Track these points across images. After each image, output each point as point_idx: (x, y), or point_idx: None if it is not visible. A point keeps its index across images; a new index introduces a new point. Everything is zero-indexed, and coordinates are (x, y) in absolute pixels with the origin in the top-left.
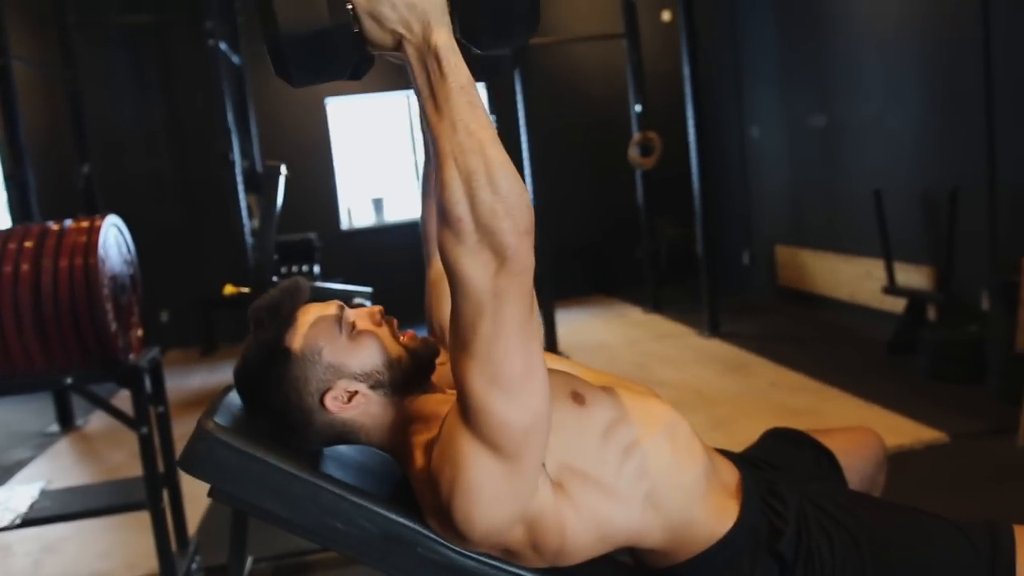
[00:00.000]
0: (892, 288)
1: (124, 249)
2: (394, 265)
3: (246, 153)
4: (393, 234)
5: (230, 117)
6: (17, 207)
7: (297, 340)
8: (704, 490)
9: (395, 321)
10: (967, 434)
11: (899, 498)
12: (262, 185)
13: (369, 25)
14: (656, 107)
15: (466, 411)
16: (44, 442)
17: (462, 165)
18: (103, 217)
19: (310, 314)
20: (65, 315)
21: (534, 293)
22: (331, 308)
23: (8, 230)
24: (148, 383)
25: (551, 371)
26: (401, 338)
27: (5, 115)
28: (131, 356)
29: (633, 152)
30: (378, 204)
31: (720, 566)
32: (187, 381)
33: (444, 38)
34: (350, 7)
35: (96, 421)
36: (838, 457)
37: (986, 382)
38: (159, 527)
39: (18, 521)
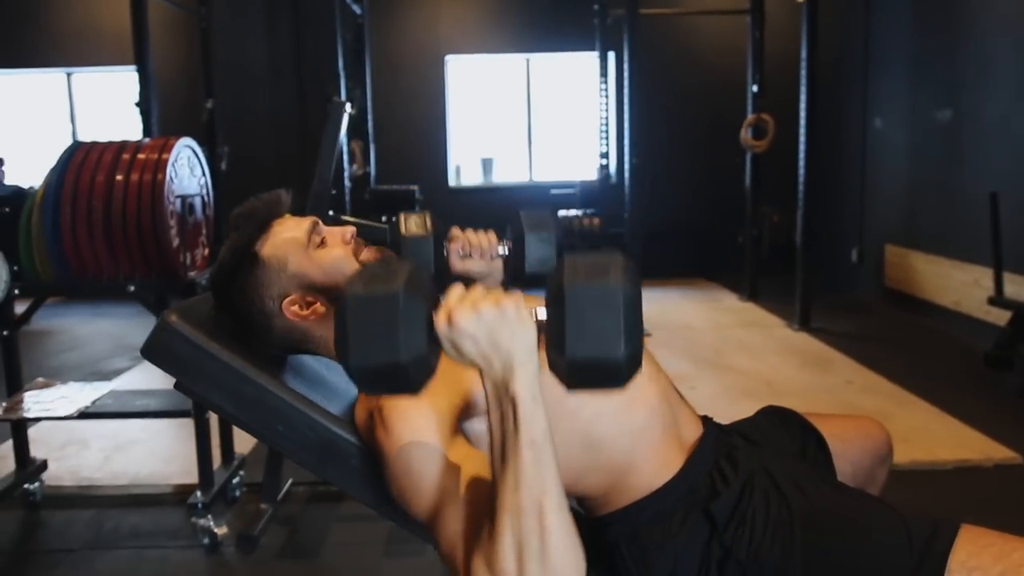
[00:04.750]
0: (999, 299)
1: (198, 172)
2: (498, 226)
3: (355, 100)
4: (499, 195)
5: (341, 63)
6: (145, 135)
7: (267, 247)
8: (654, 439)
9: (363, 243)
10: None
11: (951, 513)
12: (326, 120)
13: (449, 351)
14: (776, 90)
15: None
16: None
17: (517, 527)
18: (177, 138)
19: (285, 225)
20: (131, 227)
21: None
22: (305, 222)
23: (92, 143)
24: None
25: None
26: (363, 254)
27: (136, 46)
28: (192, 273)
29: (745, 134)
30: (487, 164)
31: (649, 519)
32: None
33: (525, 386)
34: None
35: None
36: (830, 443)
37: None
38: (201, 436)
39: (76, 413)
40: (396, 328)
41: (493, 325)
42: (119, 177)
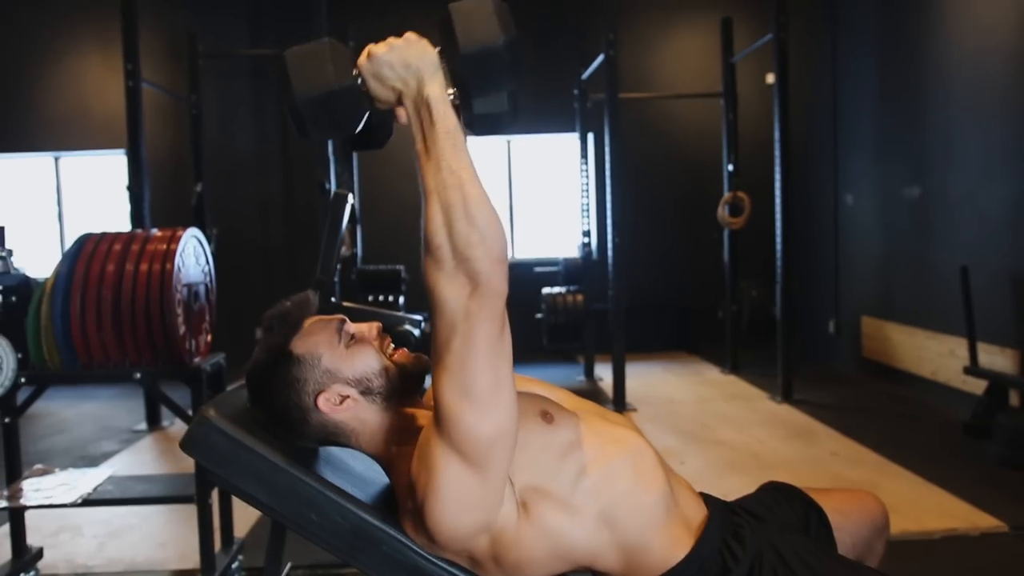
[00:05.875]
0: (974, 369)
1: (202, 260)
2: None
3: (343, 183)
4: None
5: (330, 147)
6: (134, 218)
7: (300, 345)
8: (662, 519)
9: (388, 339)
10: None
11: None
12: (329, 210)
13: (373, 85)
14: (751, 169)
15: (439, 420)
16: (131, 438)
17: (443, 199)
18: (184, 229)
19: (315, 324)
20: (140, 315)
21: (506, 317)
22: (334, 320)
23: (102, 234)
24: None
25: (524, 393)
26: (394, 354)
27: (130, 132)
28: (197, 359)
29: (722, 211)
30: None
31: None
32: None
33: (435, 90)
34: (356, 72)
35: (180, 423)
36: (830, 516)
37: None
38: (203, 521)
39: (79, 501)
40: (326, 63)
41: (402, 51)
42: (129, 267)
